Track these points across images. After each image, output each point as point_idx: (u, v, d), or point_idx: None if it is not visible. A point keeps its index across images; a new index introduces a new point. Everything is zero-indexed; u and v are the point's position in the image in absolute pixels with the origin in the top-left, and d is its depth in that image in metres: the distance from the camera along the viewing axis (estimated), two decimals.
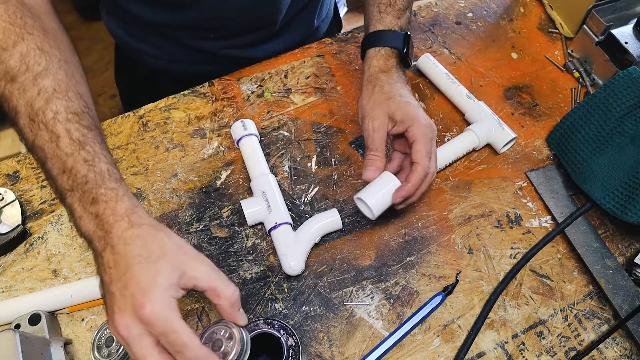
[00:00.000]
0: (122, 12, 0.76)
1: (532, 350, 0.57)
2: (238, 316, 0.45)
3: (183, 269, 0.42)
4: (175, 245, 0.43)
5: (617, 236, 0.64)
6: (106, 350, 0.46)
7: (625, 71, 0.64)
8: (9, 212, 0.65)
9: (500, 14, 0.84)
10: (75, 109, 0.48)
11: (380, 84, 0.62)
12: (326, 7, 0.90)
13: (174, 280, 0.41)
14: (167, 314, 0.40)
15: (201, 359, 0.40)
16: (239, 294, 0.45)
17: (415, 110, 0.59)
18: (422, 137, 0.58)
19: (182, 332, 0.40)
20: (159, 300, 0.40)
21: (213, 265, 0.45)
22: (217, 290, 0.43)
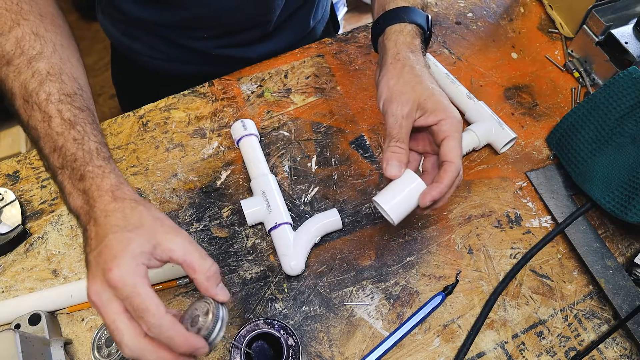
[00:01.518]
0: (116, 11, 0.76)
1: (532, 350, 0.57)
2: (216, 291, 0.43)
3: (158, 240, 0.42)
4: (153, 217, 0.43)
5: (617, 236, 0.64)
6: (106, 350, 0.46)
7: (625, 71, 0.64)
8: (9, 212, 0.65)
9: (500, 14, 0.84)
10: (68, 91, 0.49)
11: (410, 63, 0.54)
12: (322, 8, 0.90)
13: (146, 249, 0.41)
14: (133, 279, 0.39)
15: (164, 326, 0.39)
16: (216, 268, 0.44)
17: (447, 101, 0.53)
18: (456, 134, 0.51)
19: (146, 297, 0.39)
20: (126, 264, 0.40)
21: (191, 239, 0.44)
22: (192, 264, 0.42)
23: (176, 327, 0.40)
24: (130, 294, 0.39)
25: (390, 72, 0.55)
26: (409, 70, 0.54)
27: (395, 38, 0.56)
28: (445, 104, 0.52)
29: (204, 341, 0.41)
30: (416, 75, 0.53)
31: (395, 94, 0.53)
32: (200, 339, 0.41)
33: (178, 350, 0.40)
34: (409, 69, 0.54)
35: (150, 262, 0.42)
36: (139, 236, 0.41)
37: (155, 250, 0.42)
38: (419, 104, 0.52)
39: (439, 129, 0.52)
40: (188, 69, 0.83)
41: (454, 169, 0.51)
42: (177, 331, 0.40)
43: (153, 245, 0.42)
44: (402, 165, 0.52)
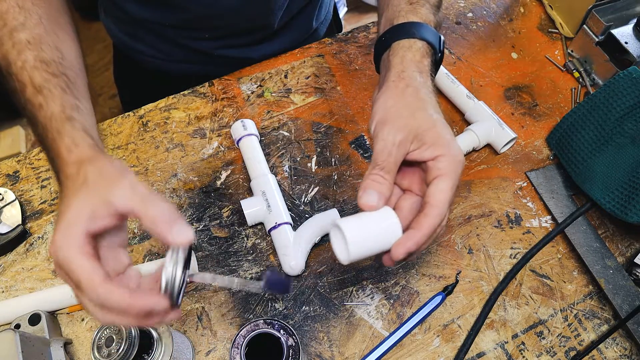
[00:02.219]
0: (119, 11, 0.76)
1: (532, 350, 0.57)
2: (170, 236, 0.38)
3: (100, 198, 0.39)
4: (96, 174, 0.40)
5: (617, 236, 0.64)
6: (106, 350, 0.46)
7: (625, 71, 0.64)
8: (9, 212, 0.65)
9: (500, 14, 0.84)
10: (45, 58, 0.47)
11: (415, 85, 0.47)
12: (325, 9, 0.90)
13: (84, 213, 0.38)
14: (65, 253, 0.37)
15: (101, 296, 0.37)
16: (164, 209, 0.39)
17: (451, 136, 0.45)
18: (452, 174, 0.43)
19: (76, 270, 0.37)
20: (60, 239, 0.38)
21: (136, 185, 0.40)
22: (135, 212, 0.39)
23: (114, 294, 0.37)
24: (64, 267, 0.38)
25: (391, 91, 0.48)
26: (412, 92, 0.47)
27: (402, 54, 0.49)
28: (448, 139, 0.44)
29: (154, 298, 0.38)
30: (420, 99, 0.46)
31: (391, 117, 0.46)
32: (149, 297, 0.37)
33: (132, 314, 0.37)
34: (412, 90, 0.47)
35: (94, 225, 0.38)
36: (75, 203, 0.39)
37: (98, 211, 0.38)
38: (417, 135, 0.44)
39: (434, 165, 0.44)
40: (190, 68, 0.83)
41: (436, 214, 0.42)
42: (117, 299, 0.37)
43: (92, 205, 0.38)
44: (382, 199, 0.43)
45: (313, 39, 0.89)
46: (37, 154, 0.72)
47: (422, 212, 0.43)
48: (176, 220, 0.38)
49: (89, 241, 0.38)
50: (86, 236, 0.38)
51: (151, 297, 0.38)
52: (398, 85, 0.47)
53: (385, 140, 0.45)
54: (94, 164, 0.41)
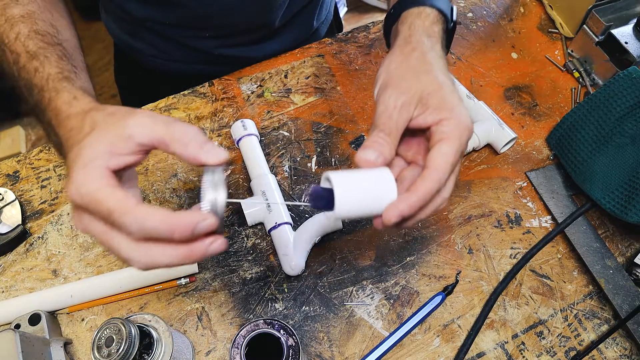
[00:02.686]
0: (120, 10, 0.76)
1: (532, 350, 0.57)
2: (203, 157, 0.36)
3: (116, 134, 0.36)
4: (106, 115, 0.37)
5: (617, 236, 0.64)
6: (106, 350, 0.46)
7: (625, 71, 0.64)
8: (9, 212, 0.65)
9: (500, 14, 0.84)
10: (39, 29, 0.46)
11: (422, 49, 0.44)
12: (326, 9, 0.90)
13: (101, 150, 0.35)
14: (87, 187, 0.34)
15: (138, 220, 0.33)
16: (191, 131, 0.36)
17: (458, 100, 0.42)
18: (456, 140, 0.40)
19: (106, 199, 0.33)
20: (78, 177, 0.34)
21: (153, 114, 0.37)
22: (162, 139, 0.36)
23: (154, 215, 0.33)
24: (90, 203, 0.34)
25: (396, 55, 0.45)
26: (418, 55, 0.44)
27: (410, 21, 0.47)
28: (453, 103, 0.41)
29: (199, 213, 0.34)
30: (426, 62, 0.43)
31: (394, 80, 0.43)
32: (193, 214, 0.34)
33: (175, 237, 0.34)
34: (418, 54, 0.44)
35: (115, 161, 0.35)
36: (90, 141, 0.36)
37: (116, 146, 0.35)
38: (421, 98, 0.41)
39: (437, 129, 0.41)
40: (190, 68, 0.83)
41: (434, 178, 0.39)
42: (158, 219, 0.33)
43: (110, 141, 0.36)
44: (380, 157, 0.40)
45: (314, 38, 0.89)
46: (37, 154, 0.72)
47: (421, 176, 0.40)
48: (206, 141, 0.36)
49: (110, 173, 0.35)
50: (107, 169, 0.35)
51: (196, 214, 0.34)
52: (404, 49, 0.45)
53: (386, 103, 0.42)
54: (100, 110, 0.38)
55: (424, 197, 0.39)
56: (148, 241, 0.34)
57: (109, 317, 0.56)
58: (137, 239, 0.34)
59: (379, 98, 0.43)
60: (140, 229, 0.33)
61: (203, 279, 0.62)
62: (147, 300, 0.61)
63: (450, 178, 0.41)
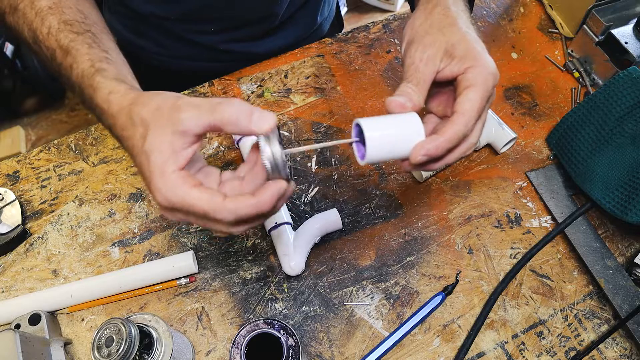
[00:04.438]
0: (123, 7, 0.76)
1: (532, 350, 0.57)
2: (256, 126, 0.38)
3: (171, 131, 0.38)
4: (153, 111, 0.40)
5: (617, 236, 0.64)
6: (106, 350, 0.46)
7: (625, 71, 0.64)
8: (9, 212, 0.65)
9: (500, 14, 0.84)
10: (67, 19, 0.48)
11: (444, 4, 0.46)
12: (328, 6, 0.90)
13: (167, 152, 0.38)
14: (176, 193, 0.38)
15: (232, 213, 0.38)
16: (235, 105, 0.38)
17: (482, 49, 0.44)
18: (481, 86, 0.42)
19: (198, 202, 0.38)
20: (161, 185, 0.38)
21: (196, 103, 0.39)
22: (213, 125, 0.38)
23: (243, 204, 0.38)
24: (184, 207, 0.38)
25: (419, 12, 0.47)
26: (440, 10, 0.46)
27: None
28: (479, 51, 0.43)
29: (274, 185, 0.39)
30: (448, 16, 0.45)
31: (419, 35, 0.44)
32: (270, 188, 0.39)
33: (264, 210, 0.39)
34: (441, 9, 0.46)
35: (182, 159, 0.39)
36: (153, 145, 0.38)
37: (176, 143, 0.39)
38: (446, 50, 0.43)
39: (463, 77, 0.43)
40: (195, 65, 0.83)
41: (461, 121, 0.41)
42: (248, 206, 0.38)
43: (169, 141, 0.38)
44: (409, 102, 0.42)
45: (317, 35, 0.89)
46: (37, 154, 0.72)
47: (449, 120, 0.42)
48: (252, 110, 0.38)
49: (187, 174, 0.39)
50: (182, 171, 0.39)
51: (272, 187, 0.39)
52: (427, 6, 0.47)
53: (413, 57, 0.44)
54: (141, 104, 0.40)
55: (450, 139, 0.41)
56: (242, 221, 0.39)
57: (109, 317, 0.56)
58: (233, 223, 0.39)
59: (405, 54, 0.45)
60: (235, 218, 0.38)
61: (203, 279, 0.62)
62: (147, 300, 0.61)
63: (477, 123, 0.43)
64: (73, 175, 0.70)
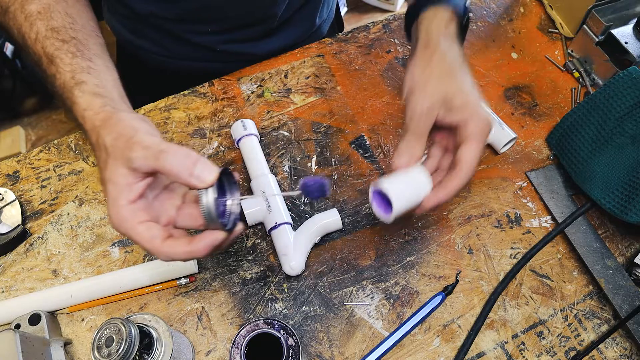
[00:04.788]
0: (123, 7, 0.76)
1: (532, 350, 0.57)
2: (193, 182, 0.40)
3: (125, 165, 0.41)
4: (112, 140, 0.42)
5: (617, 236, 0.64)
6: (106, 350, 0.46)
7: (625, 71, 0.64)
8: (9, 212, 0.65)
9: (500, 14, 0.84)
10: (55, 25, 0.49)
11: (441, 51, 0.50)
12: (327, 7, 0.90)
13: (121, 184, 0.41)
14: (123, 225, 0.42)
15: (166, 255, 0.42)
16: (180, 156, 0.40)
17: (477, 99, 0.48)
18: (480, 137, 0.47)
19: (139, 239, 0.42)
20: (112, 214, 0.42)
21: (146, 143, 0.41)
22: (157, 171, 0.41)
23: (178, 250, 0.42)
24: (131, 239, 0.42)
25: (419, 60, 0.50)
26: (438, 59, 0.49)
27: (427, 24, 0.52)
28: (474, 103, 0.47)
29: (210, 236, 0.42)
30: (447, 64, 0.49)
31: (419, 85, 0.49)
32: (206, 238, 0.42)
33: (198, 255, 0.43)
34: (438, 57, 0.49)
35: (134, 192, 0.42)
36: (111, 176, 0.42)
37: (129, 178, 0.42)
38: (444, 100, 0.48)
39: (461, 128, 0.48)
40: (194, 66, 0.83)
41: (464, 175, 0.47)
42: (181, 252, 0.42)
43: (124, 175, 0.42)
44: (413, 159, 0.48)
45: (316, 36, 0.89)
46: (37, 154, 0.72)
47: (454, 173, 0.47)
48: (195, 164, 0.40)
49: (136, 207, 0.42)
50: (131, 204, 0.42)
51: (206, 238, 0.42)
52: (425, 54, 0.50)
53: (414, 107, 0.48)
54: (106, 128, 0.43)
55: (456, 189, 0.48)
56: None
57: (109, 317, 0.56)
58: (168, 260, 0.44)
59: (407, 103, 0.49)
60: (167, 259, 0.43)
61: (203, 279, 0.62)
62: (147, 300, 0.61)
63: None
64: (73, 175, 0.70)
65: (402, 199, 0.47)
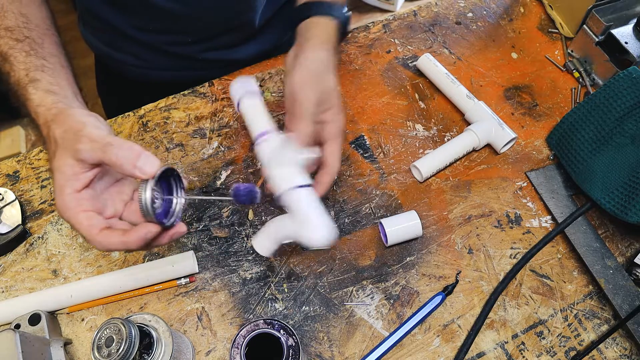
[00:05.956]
0: (99, 22, 0.75)
1: (532, 350, 0.57)
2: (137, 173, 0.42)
3: (72, 156, 0.43)
4: (62, 132, 0.44)
5: (617, 236, 0.64)
6: (106, 350, 0.46)
7: (625, 71, 0.64)
8: (9, 212, 0.65)
9: (500, 14, 0.84)
10: (9, 25, 0.50)
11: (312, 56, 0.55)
12: None
13: (68, 174, 0.43)
14: (66, 213, 0.44)
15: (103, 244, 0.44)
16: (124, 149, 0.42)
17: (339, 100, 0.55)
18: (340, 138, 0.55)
19: (79, 227, 0.44)
20: (58, 202, 0.44)
21: (93, 136, 0.43)
22: (103, 163, 0.43)
23: (111, 238, 0.44)
24: (72, 226, 0.45)
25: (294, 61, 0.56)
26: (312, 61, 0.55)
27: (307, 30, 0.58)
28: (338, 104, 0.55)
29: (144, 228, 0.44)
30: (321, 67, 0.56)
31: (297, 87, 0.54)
32: (140, 230, 0.44)
33: (132, 248, 0.44)
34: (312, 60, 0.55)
35: (80, 182, 0.44)
36: (58, 165, 0.44)
37: (75, 169, 0.44)
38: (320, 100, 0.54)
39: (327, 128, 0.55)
40: (176, 75, 0.82)
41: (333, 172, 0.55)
42: (116, 242, 0.44)
43: (70, 166, 0.43)
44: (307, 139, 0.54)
45: None
46: (37, 154, 0.72)
47: (323, 172, 0.54)
48: (138, 156, 0.43)
49: (80, 197, 0.44)
50: (76, 193, 0.44)
51: (141, 229, 0.44)
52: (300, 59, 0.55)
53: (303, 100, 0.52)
54: (57, 122, 0.45)
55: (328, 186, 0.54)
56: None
57: (109, 317, 0.56)
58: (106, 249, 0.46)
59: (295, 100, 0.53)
60: (103, 249, 0.45)
61: (203, 279, 0.62)
62: (147, 300, 0.61)
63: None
64: None
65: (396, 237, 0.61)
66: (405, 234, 0.62)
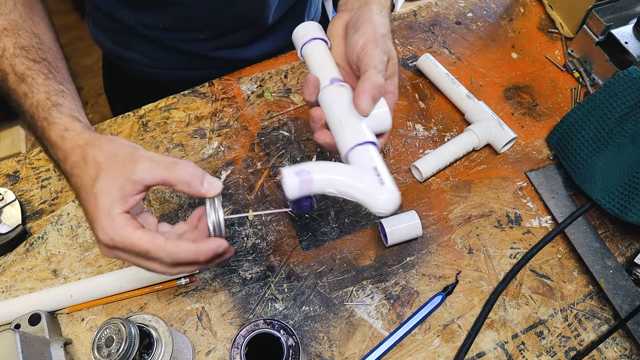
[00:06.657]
0: (110, 20, 0.75)
1: (532, 350, 0.57)
2: (203, 190, 0.43)
3: (124, 178, 0.42)
4: (108, 156, 0.43)
5: (617, 236, 0.64)
6: (106, 350, 0.46)
7: (625, 71, 0.64)
8: (9, 212, 0.65)
9: (500, 14, 0.84)
10: (24, 44, 0.49)
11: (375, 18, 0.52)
12: (314, 7, 0.89)
13: (116, 196, 0.42)
14: (119, 234, 0.41)
15: (171, 255, 0.41)
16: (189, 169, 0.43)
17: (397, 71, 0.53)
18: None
19: (140, 242, 0.41)
20: (106, 224, 0.41)
21: (152, 157, 0.43)
22: (166, 181, 0.42)
23: (183, 248, 0.42)
24: (126, 246, 0.41)
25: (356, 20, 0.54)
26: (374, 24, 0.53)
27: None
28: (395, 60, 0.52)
29: (216, 241, 0.43)
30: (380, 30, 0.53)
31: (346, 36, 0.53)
32: (212, 242, 0.43)
33: (201, 261, 0.43)
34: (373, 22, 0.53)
35: (128, 204, 0.42)
36: (102, 188, 0.42)
37: (126, 190, 0.42)
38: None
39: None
40: (186, 74, 0.82)
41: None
42: (186, 250, 0.42)
43: (120, 187, 0.42)
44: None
45: None
46: (37, 154, 0.72)
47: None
48: (204, 175, 0.43)
49: (132, 217, 0.42)
50: (127, 214, 0.42)
51: (213, 241, 0.43)
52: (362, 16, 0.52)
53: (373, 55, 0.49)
54: (97, 147, 0.44)
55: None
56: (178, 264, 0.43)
57: (109, 317, 0.56)
58: (170, 264, 0.43)
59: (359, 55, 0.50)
60: (173, 261, 0.42)
61: (203, 279, 0.62)
62: (147, 300, 0.61)
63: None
64: None
65: (396, 236, 0.61)
66: (405, 234, 0.62)
